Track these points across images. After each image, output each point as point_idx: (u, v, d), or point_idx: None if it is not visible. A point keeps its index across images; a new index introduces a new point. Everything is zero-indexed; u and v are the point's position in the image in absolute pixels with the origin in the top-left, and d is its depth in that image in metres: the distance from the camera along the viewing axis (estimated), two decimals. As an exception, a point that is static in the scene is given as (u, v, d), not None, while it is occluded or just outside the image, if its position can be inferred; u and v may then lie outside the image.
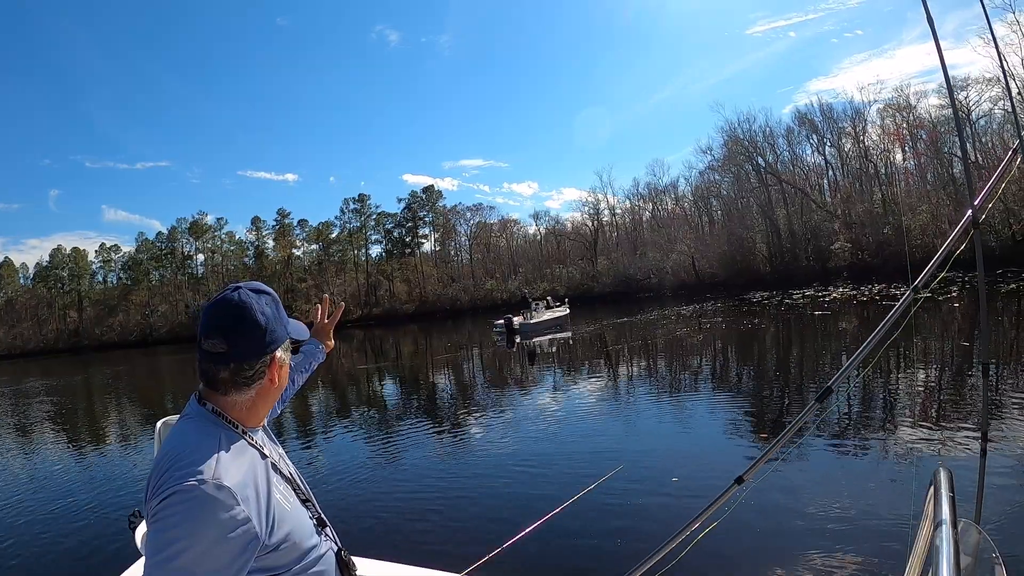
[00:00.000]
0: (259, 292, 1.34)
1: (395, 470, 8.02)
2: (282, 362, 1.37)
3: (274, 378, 1.34)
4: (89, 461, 10.82)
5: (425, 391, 16.17)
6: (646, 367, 15.73)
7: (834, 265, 49.06)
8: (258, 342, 1.30)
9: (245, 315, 1.29)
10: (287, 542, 1.27)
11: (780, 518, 4.98)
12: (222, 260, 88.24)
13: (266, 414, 1.43)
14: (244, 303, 1.29)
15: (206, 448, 1.19)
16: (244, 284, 1.35)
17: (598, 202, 79.39)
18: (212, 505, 1.10)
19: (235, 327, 1.28)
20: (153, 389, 25.59)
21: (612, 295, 61.62)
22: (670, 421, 9.29)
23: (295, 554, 1.30)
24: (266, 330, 1.31)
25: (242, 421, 1.33)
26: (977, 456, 2.80)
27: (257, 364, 1.30)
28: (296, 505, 1.36)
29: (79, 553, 6.08)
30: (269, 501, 1.24)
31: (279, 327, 1.36)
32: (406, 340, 39.79)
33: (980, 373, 2.74)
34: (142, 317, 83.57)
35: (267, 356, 1.32)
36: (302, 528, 1.34)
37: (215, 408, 1.31)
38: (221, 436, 1.25)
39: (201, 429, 1.26)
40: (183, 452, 1.18)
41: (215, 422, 1.29)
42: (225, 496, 1.12)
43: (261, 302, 1.33)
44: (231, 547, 1.11)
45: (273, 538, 1.22)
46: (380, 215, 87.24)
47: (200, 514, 1.09)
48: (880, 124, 57.71)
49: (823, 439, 7.13)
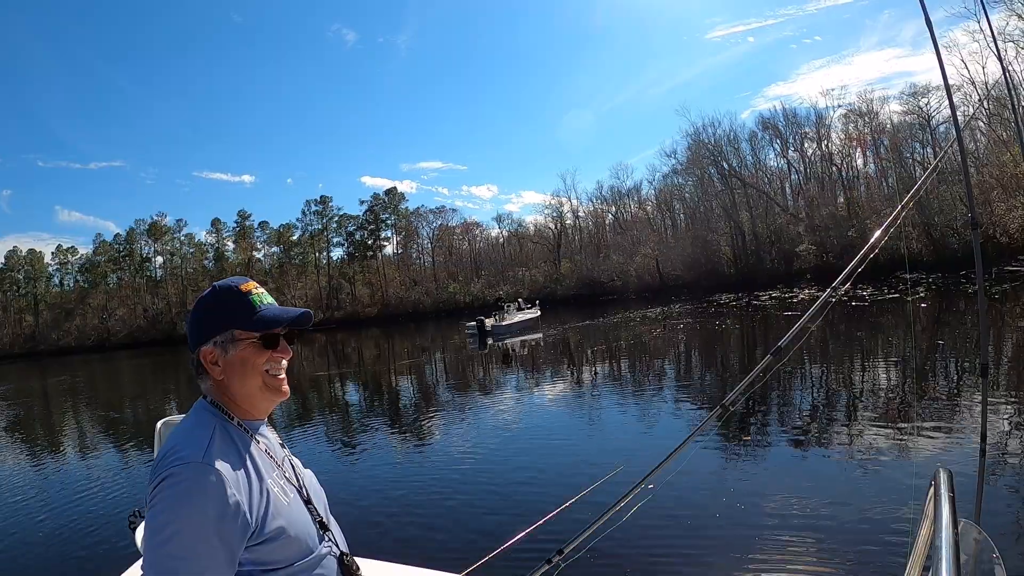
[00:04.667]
0: (212, 288, 1.43)
1: (392, 472, 8.03)
2: (220, 356, 1.37)
3: (215, 371, 1.37)
4: (86, 463, 10.69)
5: (398, 394, 16.06)
6: (628, 367, 15.86)
7: (798, 267, 50.07)
8: (192, 335, 1.38)
9: (192, 310, 1.41)
10: (282, 536, 1.27)
11: (780, 517, 5.01)
12: (181, 262, 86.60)
13: (254, 407, 1.42)
14: (197, 298, 1.41)
15: (199, 435, 1.25)
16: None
17: (561, 205, 79.95)
18: (201, 487, 1.15)
19: (187, 322, 1.41)
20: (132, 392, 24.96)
21: (576, 298, 62.15)
22: (670, 422, 9.38)
23: (291, 551, 1.30)
24: (201, 323, 1.38)
25: (235, 412, 1.38)
26: (977, 456, 2.82)
27: (195, 356, 1.38)
28: (296, 502, 1.38)
29: (79, 554, 6.06)
30: (262, 490, 1.27)
31: (211, 321, 1.38)
32: (368, 344, 39.57)
33: (979, 373, 2.76)
34: (99, 321, 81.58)
35: (201, 347, 1.37)
36: (300, 525, 1.34)
37: (213, 400, 1.38)
38: (216, 425, 1.31)
39: (197, 419, 1.33)
40: (179, 440, 1.25)
41: (213, 412, 1.35)
42: (214, 478, 1.16)
43: (207, 296, 1.41)
44: (220, 529, 1.14)
45: (266, 529, 1.24)
46: (342, 217, 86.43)
47: (189, 496, 1.14)
48: (843, 129, 59.18)
49: (823, 440, 7.25)
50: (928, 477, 1.34)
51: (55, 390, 28.17)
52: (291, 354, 1.47)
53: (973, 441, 6.19)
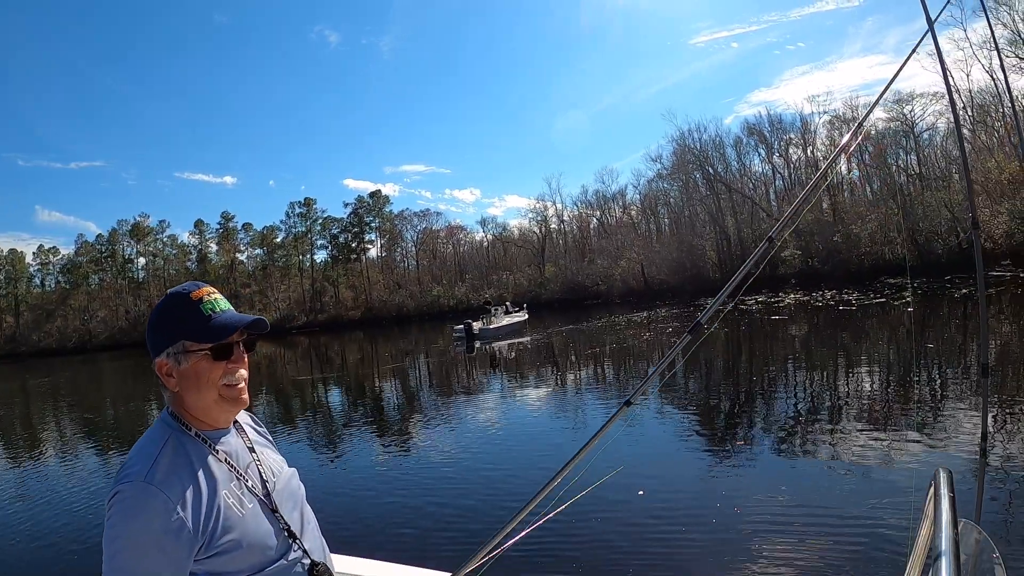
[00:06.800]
0: (163, 298, 1.38)
1: (389, 473, 8.08)
2: (173, 368, 1.33)
3: (171, 383, 1.34)
4: (85, 464, 10.73)
5: (386, 398, 16.00)
6: (619, 370, 15.89)
7: (783, 272, 50.44)
8: (150, 344, 1.36)
9: (149, 318, 1.38)
10: (236, 549, 1.27)
11: (781, 518, 5.04)
12: (164, 264, 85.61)
13: (211, 417, 1.38)
14: (154, 307, 1.38)
15: (148, 451, 1.25)
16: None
17: (546, 209, 79.91)
18: (142, 504, 1.17)
19: (146, 329, 1.38)
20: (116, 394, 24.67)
21: (560, 302, 62.13)
22: (667, 421, 9.41)
23: (247, 562, 1.29)
24: (155, 333, 1.35)
25: (193, 423, 1.35)
26: (977, 456, 2.83)
27: (155, 365, 1.35)
28: (254, 512, 1.35)
29: (77, 553, 6.10)
30: (213, 503, 1.26)
31: (162, 333, 1.35)
32: (352, 347, 39.39)
33: (979, 374, 2.77)
34: (81, 322, 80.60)
35: (156, 359, 1.35)
36: (258, 536, 1.32)
37: (172, 411, 1.36)
38: (169, 438, 1.29)
39: (152, 433, 1.32)
40: (132, 456, 1.27)
41: (170, 424, 1.33)
42: (153, 495, 1.18)
43: (160, 304, 1.37)
44: (163, 544, 1.16)
45: (217, 542, 1.24)
46: (326, 220, 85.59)
47: (131, 513, 1.17)
48: (828, 136, 59.77)
49: (823, 441, 7.29)
50: (928, 477, 1.34)
51: (38, 392, 27.88)
52: (245, 364, 1.41)
53: (973, 441, 6.25)
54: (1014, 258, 33.07)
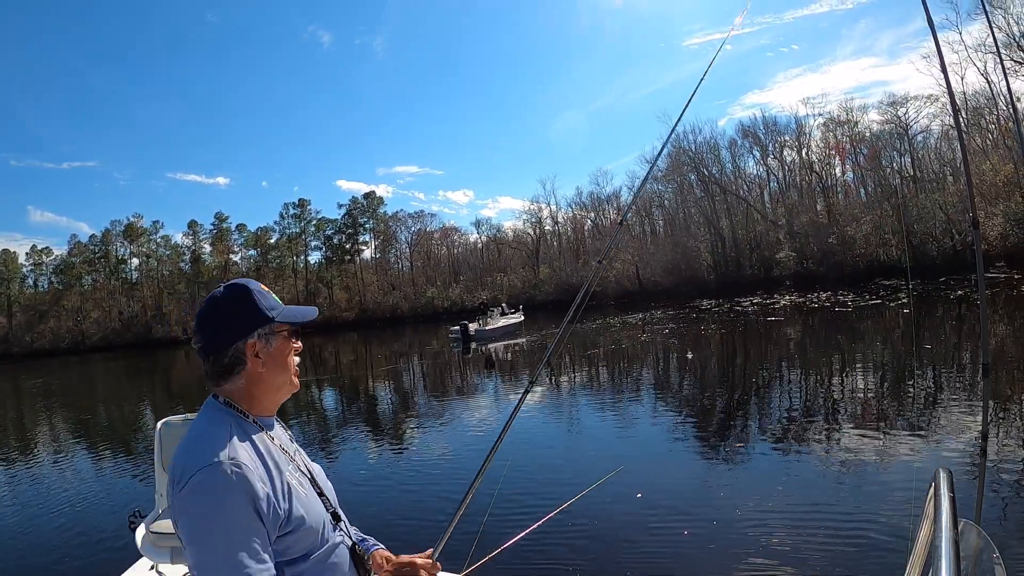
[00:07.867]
0: (232, 286, 1.43)
1: (389, 472, 8.07)
2: (264, 348, 1.40)
3: (256, 364, 1.39)
4: (83, 464, 10.66)
5: (386, 400, 15.99)
6: (616, 372, 15.92)
7: (778, 273, 50.59)
8: (224, 332, 1.37)
9: (210, 310, 1.39)
10: (301, 528, 1.32)
11: (781, 518, 5.04)
12: (157, 265, 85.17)
13: (274, 401, 1.47)
14: (212, 298, 1.40)
15: (219, 433, 1.28)
16: (229, 281, 1.45)
17: (540, 210, 79.79)
18: (233, 484, 1.19)
19: (204, 322, 1.38)
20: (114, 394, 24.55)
21: (554, 303, 61.93)
22: (665, 422, 9.42)
23: (308, 541, 1.35)
24: (231, 321, 1.38)
25: (250, 409, 1.40)
26: (977, 456, 2.84)
27: (230, 352, 1.36)
28: (311, 494, 1.42)
29: (80, 554, 6.06)
30: (283, 482, 1.31)
31: (251, 315, 1.39)
32: (346, 348, 39.31)
33: (980, 373, 2.78)
34: (74, 323, 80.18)
35: (240, 343, 1.37)
36: (316, 516, 1.38)
37: (225, 399, 1.39)
38: (231, 423, 1.33)
39: (212, 418, 1.35)
40: (199, 439, 1.28)
41: (225, 411, 1.37)
42: (245, 473, 1.21)
43: (228, 295, 1.41)
44: (255, 523, 1.20)
45: (291, 519, 1.29)
46: (320, 221, 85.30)
47: (224, 492, 1.18)
48: (822, 138, 59.96)
49: (823, 441, 7.30)
50: (928, 477, 1.34)
51: (35, 392, 27.66)
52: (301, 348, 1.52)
53: (973, 441, 6.27)
54: (1009, 260, 33.31)
